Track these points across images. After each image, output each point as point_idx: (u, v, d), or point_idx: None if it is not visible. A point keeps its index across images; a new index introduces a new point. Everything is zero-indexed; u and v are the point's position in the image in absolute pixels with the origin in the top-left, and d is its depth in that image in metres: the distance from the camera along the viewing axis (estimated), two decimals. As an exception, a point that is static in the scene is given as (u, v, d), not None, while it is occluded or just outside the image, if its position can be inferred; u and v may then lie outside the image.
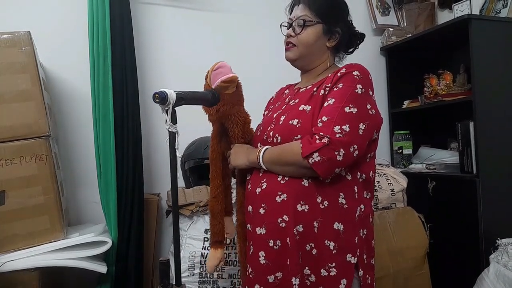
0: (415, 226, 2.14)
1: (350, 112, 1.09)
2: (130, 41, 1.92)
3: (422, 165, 2.43)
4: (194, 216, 1.91)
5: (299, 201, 1.13)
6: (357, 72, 1.15)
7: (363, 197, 1.20)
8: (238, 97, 1.29)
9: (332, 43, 1.27)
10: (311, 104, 1.17)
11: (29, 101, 1.55)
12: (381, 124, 1.20)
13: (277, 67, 1.42)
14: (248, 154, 1.25)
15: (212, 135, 1.39)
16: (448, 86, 2.35)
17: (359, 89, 1.12)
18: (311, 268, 1.13)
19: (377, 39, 2.75)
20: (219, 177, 1.37)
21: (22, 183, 1.53)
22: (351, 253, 1.13)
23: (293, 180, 1.14)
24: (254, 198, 1.21)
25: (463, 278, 2.04)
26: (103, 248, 1.64)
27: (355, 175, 1.17)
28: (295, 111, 1.20)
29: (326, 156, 1.05)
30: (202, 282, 1.83)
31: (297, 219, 1.12)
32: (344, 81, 1.14)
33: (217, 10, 2.34)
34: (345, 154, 1.05)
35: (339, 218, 1.13)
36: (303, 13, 1.24)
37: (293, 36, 1.25)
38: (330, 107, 1.11)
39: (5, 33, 1.55)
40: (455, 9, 2.42)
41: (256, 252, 1.18)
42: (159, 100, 1.03)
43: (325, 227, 1.12)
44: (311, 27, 1.23)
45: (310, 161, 1.06)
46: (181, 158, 2.01)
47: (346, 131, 1.06)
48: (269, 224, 1.15)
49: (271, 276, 1.14)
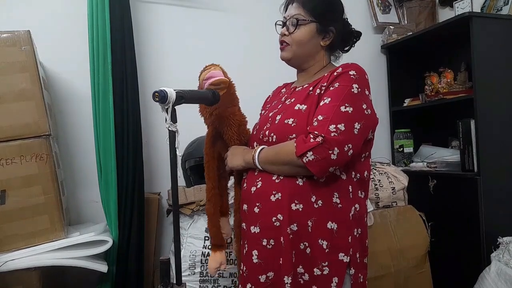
0: (416, 225, 2.14)
1: (346, 111, 1.09)
2: (130, 40, 1.92)
3: (423, 163, 2.42)
4: (195, 215, 1.91)
5: (293, 200, 1.13)
6: (353, 72, 1.15)
7: (358, 197, 1.20)
8: (231, 99, 1.28)
9: (326, 42, 1.26)
10: (307, 104, 1.17)
11: (29, 100, 1.54)
12: (376, 124, 1.20)
13: (277, 67, 1.41)
14: (244, 155, 1.25)
15: (206, 138, 1.39)
16: (449, 84, 2.34)
17: (355, 88, 1.12)
18: (305, 267, 1.13)
19: (377, 37, 2.74)
20: (212, 179, 1.38)
21: (23, 183, 1.53)
22: (343, 252, 1.14)
23: (288, 179, 1.14)
24: (249, 197, 1.22)
25: (464, 277, 2.04)
26: (104, 247, 1.64)
27: (350, 174, 1.17)
28: (291, 110, 1.20)
29: (320, 155, 1.05)
30: (203, 281, 1.83)
31: (291, 218, 1.13)
32: (341, 80, 1.14)
33: (217, 9, 2.34)
34: (340, 153, 1.05)
35: (333, 217, 1.14)
36: (297, 12, 1.23)
37: (287, 35, 1.25)
38: (326, 106, 1.11)
39: (5, 32, 1.55)
40: (456, 7, 2.41)
41: (249, 251, 1.19)
42: (159, 99, 1.03)
43: (319, 227, 1.13)
44: (304, 26, 1.23)
45: (304, 160, 1.06)
46: (182, 157, 2.01)
47: (341, 130, 1.06)
48: (263, 223, 1.16)
49: (263, 276, 1.15)
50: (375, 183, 2.14)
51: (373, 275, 1.86)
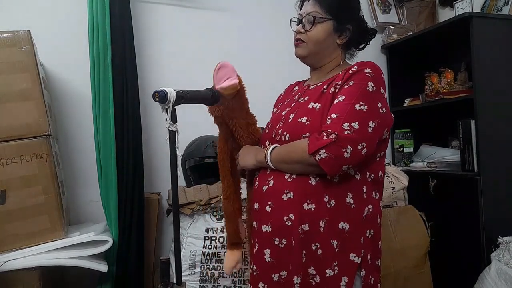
0: (416, 225, 2.14)
1: (360, 109, 1.07)
2: (130, 40, 1.92)
3: (423, 163, 2.42)
4: (195, 215, 1.91)
5: (305, 199, 1.11)
6: (369, 70, 1.13)
7: (372, 197, 1.18)
8: (240, 101, 1.27)
9: (343, 40, 1.24)
10: (321, 102, 1.15)
11: (29, 100, 1.54)
12: (391, 123, 1.18)
13: (278, 66, 1.41)
14: (256, 154, 1.23)
15: (219, 137, 1.38)
16: (449, 84, 2.34)
17: (371, 86, 1.10)
18: (316, 268, 1.11)
19: (378, 37, 2.73)
20: (228, 177, 1.36)
21: (23, 183, 1.53)
22: (355, 253, 1.12)
23: (301, 179, 1.13)
24: (261, 195, 1.20)
25: (464, 277, 2.04)
26: (104, 247, 1.64)
27: (364, 174, 1.15)
28: (305, 109, 1.18)
29: (333, 153, 1.03)
30: (203, 281, 1.83)
31: (303, 217, 1.11)
32: (356, 78, 1.12)
33: (218, 9, 2.34)
34: (353, 151, 1.03)
35: (345, 217, 1.12)
36: (313, 9, 1.21)
37: (303, 32, 1.23)
38: (340, 104, 1.09)
39: (5, 32, 1.55)
40: (456, 7, 2.41)
41: (261, 250, 1.17)
42: (159, 98, 1.03)
43: (331, 227, 1.11)
44: (321, 24, 1.21)
45: (317, 158, 1.04)
46: (182, 157, 2.01)
47: (355, 128, 1.04)
48: (275, 222, 1.14)
49: (276, 275, 1.13)
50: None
51: (373, 275, 1.86)
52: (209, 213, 1.91)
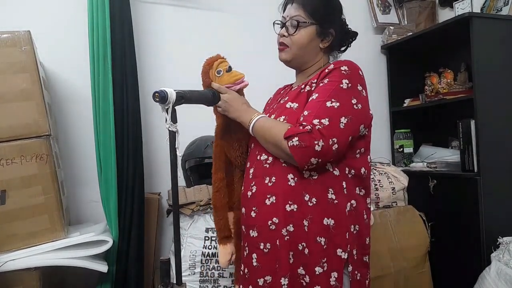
0: (416, 225, 2.14)
1: (332, 106, 1.08)
2: (130, 40, 1.92)
3: (423, 163, 2.43)
4: (195, 215, 1.91)
5: (287, 201, 1.13)
6: (345, 67, 1.14)
7: (355, 193, 1.19)
8: None
9: (326, 44, 1.26)
10: (298, 102, 1.18)
11: (29, 100, 1.54)
12: (369, 119, 1.19)
13: (277, 67, 1.41)
14: (241, 112, 1.22)
15: (216, 130, 1.38)
16: (449, 85, 2.34)
17: (345, 84, 1.12)
18: (305, 268, 1.12)
19: (377, 38, 2.74)
20: (222, 170, 1.36)
21: (23, 183, 1.53)
22: (341, 248, 1.13)
23: (280, 181, 1.14)
24: (246, 201, 1.23)
25: (464, 277, 2.04)
26: (104, 247, 1.64)
27: (343, 170, 1.16)
28: (283, 109, 1.21)
29: (305, 142, 1.05)
30: (203, 281, 1.83)
31: (287, 219, 1.12)
32: (331, 76, 1.14)
33: (218, 9, 2.34)
34: (324, 146, 1.05)
35: (328, 213, 1.13)
36: (297, 13, 1.22)
37: (286, 36, 1.24)
38: (313, 102, 1.12)
39: (5, 32, 1.54)
40: (456, 7, 2.41)
41: (250, 254, 1.20)
42: (159, 99, 1.03)
43: (315, 225, 1.12)
44: (304, 28, 1.21)
45: (289, 143, 1.06)
46: (182, 157, 2.01)
47: (325, 124, 1.06)
48: (260, 227, 1.17)
49: (261, 279, 1.15)
50: (375, 183, 2.14)
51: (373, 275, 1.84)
52: (209, 213, 1.91)
